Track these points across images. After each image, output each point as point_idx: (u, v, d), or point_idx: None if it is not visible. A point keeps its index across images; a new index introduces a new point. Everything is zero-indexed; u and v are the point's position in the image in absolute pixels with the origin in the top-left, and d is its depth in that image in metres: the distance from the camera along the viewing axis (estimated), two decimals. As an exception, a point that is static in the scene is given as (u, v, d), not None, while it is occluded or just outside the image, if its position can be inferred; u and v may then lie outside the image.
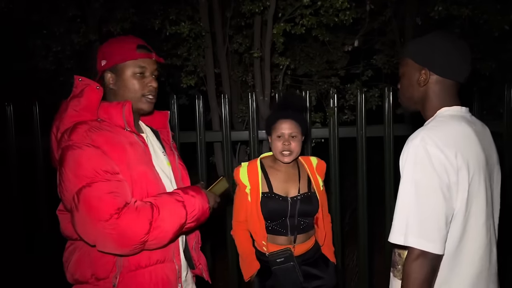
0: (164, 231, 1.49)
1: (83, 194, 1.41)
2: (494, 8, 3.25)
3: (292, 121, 2.25)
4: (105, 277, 1.54)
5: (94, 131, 1.52)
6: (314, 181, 2.34)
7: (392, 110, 3.14)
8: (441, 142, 1.35)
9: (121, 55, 1.63)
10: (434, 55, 1.48)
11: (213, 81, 3.48)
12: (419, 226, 1.31)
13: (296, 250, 2.26)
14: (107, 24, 3.44)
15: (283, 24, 2.96)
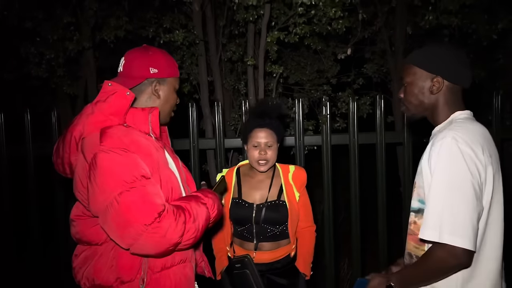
0: (194, 233, 1.53)
1: (125, 198, 1.43)
2: (482, 18, 3.33)
3: (268, 130, 2.25)
4: (130, 280, 1.56)
5: (125, 136, 1.54)
6: (286, 190, 2.31)
7: (383, 117, 3.18)
8: (470, 141, 1.40)
9: (172, 69, 1.74)
10: (446, 63, 1.53)
11: (206, 89, 3.49)
12: (454, 222, 1.33)
13: (260, 257, 2.24)
14: (101, 32, 3.44)
15: (277, 32, 2.99)
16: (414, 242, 1.53)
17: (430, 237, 1.36)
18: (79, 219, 1.62)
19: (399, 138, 3.30)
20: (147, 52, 1.70)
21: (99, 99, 1.58)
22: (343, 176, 4.07)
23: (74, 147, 1.57)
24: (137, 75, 1.66)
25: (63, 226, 3.39)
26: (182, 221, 1.47)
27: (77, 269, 1.63)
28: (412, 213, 1.56)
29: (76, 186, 1.57)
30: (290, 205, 2.27)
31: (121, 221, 1.42)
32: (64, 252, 3.41)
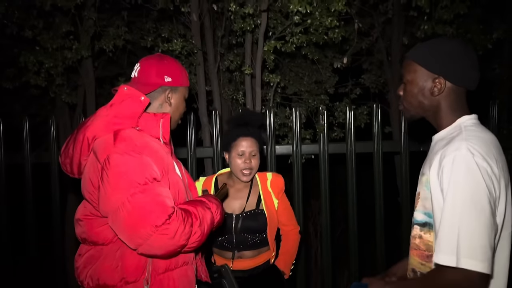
0: (200, 236, 1.57)
1: (137, 200, 1.47)
2: (477, 27, 3.36)
3: (252, 139, 2.26)
4: (135, 280, 1.59)
5: (138, 139, 1.60)
6: (265, 198, 2.32)
7: (380, 126, 3.19)
8: (485, 153, 1.29)
9: (184, 79, 1.81)
10: (450, 62, 1.40)
11: (204, 98, 3.51)
12: (472, 244, 1.21)
13: (240, 264, 2.26)
14: (100, 41, 3.47)
15: (274, 41, 3.02)
16: (420, 259, 1.42)
17: (446, 262, 1.24)
18: (86, 218, 1.66)
19: (396, 148, 3.31)
20: (163, 60, 1.77)
21: (114, 102, 1.64)
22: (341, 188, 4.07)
23: (86, 148, 1.62)
24: (152, 82, 1.72)
25: (59, 233, 3.39)
26: (190, 224, 1.51)
27: (80, 269, 1.65)
28: (416, 226, 1.44)
29: (86, 186, 1.61)
30: (269, 213, 2.30)
31: (132, 222, 1.46)
32: (61, 258, 3.41)
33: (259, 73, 3.31)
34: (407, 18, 3.86)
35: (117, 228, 1.50)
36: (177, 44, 3.14)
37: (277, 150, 3.25)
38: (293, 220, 2.45)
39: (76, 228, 1.70)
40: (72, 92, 3.86)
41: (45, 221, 3.51)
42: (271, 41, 3.05)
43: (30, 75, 3.48)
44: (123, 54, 4.00)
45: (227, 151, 2.31)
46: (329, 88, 3.88)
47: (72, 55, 3.39)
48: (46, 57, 3.38)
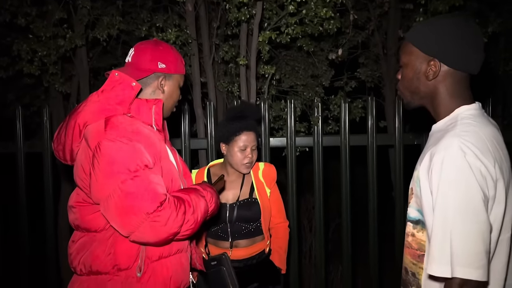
0: (193, 224, 1.56)
1: (128, 187, 1.46)
2: (473, 21, 3.35)
3: (253, 133, 2.30)
4: (128, 267, 1.58)
5: (130, 125, 1.58)
6: (257, 187, 2.35)
7: (375, 119, 3.19)
8: (479, 151, 1.19)
9: (180, 66, 1.78)
10: (445, 43, 1.28)
11: (199, 89, 3.50)
12: (465, 252, 1.14)
13: (237, 254, 2.29)
14: (94, 30, 3.44)
15: (269, 32, 3.01)
16: (411, 257, 1.36)
17: (441, 273, 1.17)
18: (79, 205, 1.64)
19: (390, 141, 3.30)
20: (158, 46, 1.74)
21: (105, 88, 1.62)
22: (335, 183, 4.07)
23: (78, 134, 1.60)
24: (145, 68, 1.69)
25: (52, 222, 3.38)
26: (182, 211, 1.51)
27: (73, 255, 1.64)
28: (409, 224, 1.36)
29: (78, 172, 1.59)
30: (262, 202, 2.32)
31: (123, 209, 1.45)
32: (53, 247, 3.40)
33: (254, 64, 3.30)
34: (403, 12, 3.85)
35: (109, 215, 1.50)
36: (172, 34, 3.12)
37: (271, 142, 3.25)
38: (282, 213, 2.48)
39: (69, 215, 1.69)
40: (66, 82, 3.83)
41: (38, 210, 3.50)
42: (266, 32, 3.03)
43: (23, 64, 3.45)
44: (117, 44, 3.98)
45: (226, 143, 2.30)
46: (325, 81, 3.87)
47: (65, 43, 3.36)
48: (39, 45, 3.35)
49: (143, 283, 1.59)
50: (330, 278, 4.32)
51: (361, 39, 3.99)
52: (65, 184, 4.14)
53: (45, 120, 3.32)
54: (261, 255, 2.36)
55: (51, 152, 3.23)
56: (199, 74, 3.53)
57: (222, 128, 2.32)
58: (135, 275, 1.58)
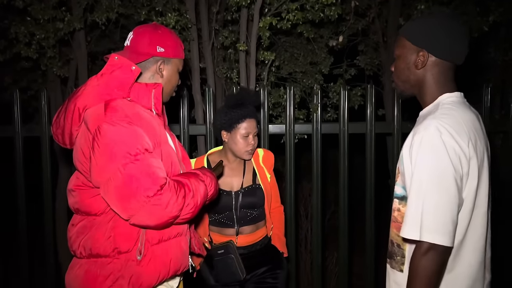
0: (192, 208, 1.57)
1: (128, 170, 1.46)
2: (474, 9, 3.35)
3: (255, 120, 2.32)
4: (128, 250, 1.60)
5: (129, 109, 1.58)
6: (259, 173, 2.39)
7: (374, 107, 3.19)
8: (454, 132, 1.33)
9: (179, 51, 1.77)
10: (433, 36, 1.44)
11: (198, 75, 3.48)
12: (434, 219, 1.29)
13: (242, 240, 2.32)
14: (93, 14, 3.41)
15: (270, 18, 2.99)
16: (397, 230, 1.49)
17: (410, 235, 1.33)
18: (79, 189, 1.65)
19: (389, 129, 3.30)
20: (157, 30, 1.73)
21: (104, 71, 1.61)
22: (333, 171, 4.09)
23: (77, 118, 1.60)
24: (144, 52, 1.69)
25: (50, 206, 3.38)
26: (182, 195, 1.52)
27: (73, 239, 1.65)
28: (395, 200, 1.51)
29: (77, 156, 1.60)
30: (265, 187, 2.37)
31: (123, 192, 1.45)
32: (51, 230, 3.40)
33: (254, 50, 3.28)
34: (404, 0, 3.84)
35: (109, 198, 1.50)
36: (171, 18, 3.09)
37: (270, 129, 3.24)
38: (278, 198, 2.54)
39: (69, 199, 1.70)
40: (64, 66, 3.80)
41: (36, 194, 3.49)
42: (266, 18, 3.01)
43: (21, 47, 3.42)
44: (116, 28, 3.94)
45: (227, 131, 2.31)
46: (324, 68, 3.87)
47: (64, 26, 3.32)
48: (37, 28, 3.31)
49: (143, 266, 1.60)
50: (325, 264, 4.37)
51: (361, 26, 3.97)
52: (63, 168, 4.13)
53: (43, 104, 3.29)
54: (264, 241, 2.41)
55: (49, 136, 3.24)
56: (198, 59, 3.51)
57: (223, 116, 2.31)
58: (135, 258, 1.59)
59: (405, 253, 1.47)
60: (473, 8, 3.35)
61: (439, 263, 1.30)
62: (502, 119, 3.51)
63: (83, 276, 1.61)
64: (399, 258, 1.49)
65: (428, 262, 1.29)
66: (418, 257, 1.31)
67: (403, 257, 1.47)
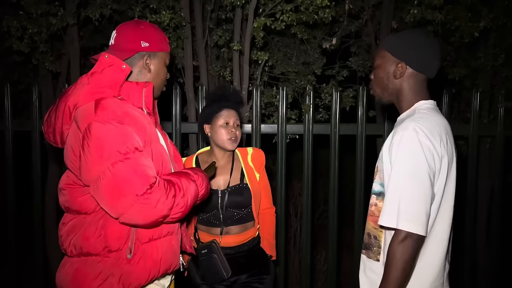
0: (182, 207, 1.58)
1: (118, 169, 1.46)
2: (466, 15, 3.39)
3: (235, 111, 2.35)
4: (118, 249, 1.60)
5: (120, 108, 1.57)
6: (247, 172, 2.38)
7: (365, 109, 3.22)
8: (429, 133, 1.48)
9: (163, 44, 1.77)
10: (411, 50, 1.59)
11: (191, 73, 3.48)
12: (410, 210, 1.42)
13: (229, 240, 2.30)
14: (86, 9, 3.39)
15: (264, 18, 3.00)
16: (373, 223, 1.63)
17: (387, 223, 1.46)
18: (69, 187, 1.65)
19: (379, 131, 3.34)
20: (139, 26, 1.73)
21: (95, 70, 1.61)
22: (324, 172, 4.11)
23: (68, 117, 1.60)
24: (129, 48, 1.69)
25: (39, 201, 3.37)
26: (172, 194, 1.52)
27: (64, 237, 1.65)
28: (373, 196, 1.64)
29: (68, 155, 1.60)
30: (253, 187, 2.35)
31: (113, 191, 1.46)
32: (40, 226, 3.39)
33: (248, 50, 3.29)
34: (397, 3, 3.86)
35: (99, 197, 1.51)
36: (165, 16, 3.09)
37: (262, 129, 3.26)
38: (270, 199, 2.51)
39: (60, 197, 1.70)
40: (56, 61, 3.78)
41: (25, 189, 3.47)
42: (261, 18, 3.02)
43: (13, 40, 3.39)
44: (109, 24, 3.92)
45: (208, 123, 2.34)
46: (317, 69, 3.89)
47: (57, 21, 3.30)
48: (30, 22, 3.29)
49: (133, 264, 1.61)
50: (314, 263, 4.41)
51: (354, 28, 4.00)
52: (52, 164, 4.11)
53: (34, 99, 3.28)
54: (253, 242, 2.39)
55: (40, 131, 3.22)
56: (192, 57, 3.51)
57: (203, 111, 2.38)
58: (125, 257, 1.60)
59: (381, 244, 1.60)
60: (465, 13, 3.39)
61: (414, 250, 1.43)
62: (491, 124, 3.57)
63: (73, 275, 1.62)
64: (376, 249, 1.63)
65: (405, 249, 1.41)
66: (395, 244, 1.43)
67: (379, 248, 1.61)
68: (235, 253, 2.31)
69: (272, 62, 3.97)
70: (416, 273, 1.54)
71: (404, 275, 1.43)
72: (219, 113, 2.31)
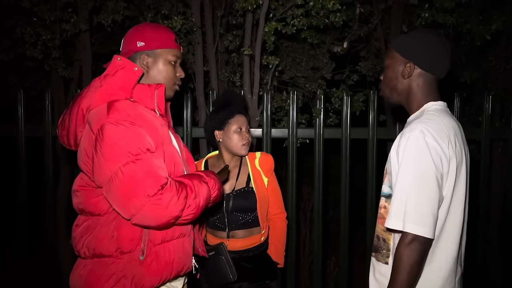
0: (194, 209, 1.57)
1: (129, 169, 1.47)
2: (477, 18, 3.38)
3: (244, 116, 2.35)
4: (130, 250, 1.60)
5: (132, 109, 1.59)
6: (254, 176, 2.35)
7: (376, 113, 3.21)
8: (436, 134, 1.46)
9: (162, 41, 1.74)
10: (420, 50, 1.59)
11: (201, 78, 3.50)
12: (416, 212, 1.40)
13: (234, 245, 2.28)
14: (98, 15, 3.43)
15: (275, 23, 3.01)
16: (382, 226, 1.60)
17: (394, 226, 1.44)
18: (83, 189, 1.66)
19: (390, 135, 3.33)
20: (137, 28, 1.77)
21: (107, 73, 1.63)
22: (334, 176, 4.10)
23: (81, 119, 1.62)
24: (127, 50, 1.72)
25: (51, 206, 3.39)
26: (184, 196, 1.52)
27: (78, 239, 1.66)
28: (382, 198, 1.63)
29: (81, 157, 1.62)
30: (259, 191, 2.32)
31: (124, 192, 1.47)
32: (53, 231, 3.41)
33: (259, 54, 3.30)
34: (406, 7, 3.86)
35: (111, 198, 1.51)
36: (177, 21, 3.12)
37: (272, 133, 3.26)
38: (279, 203, 2.46)
39: (73, 199, 1.71)
40: (68, 67, 3.82)
41: (38, 194, 3.50)
42: (272, 23, 3.04)
43: (27, 47, 3.43)
44: (121, 31, 3.95)
45: (220, 129, 2.33)
46: (326, 74, 3.89)
47: (70, 28, 3.34)
48: (43, 29, 3.33)
49: (145, 266, 1.61)
50: (324, 268, 4.38)
51: (364, 33, 4.00)
52: (64, 169, 4.14)
53: (47, 104, 3.31)
54: (259, 248, 2.35)
55: (52, 136, 3.25)
56: (203, 62, 3.53)
57: (214, 117, 2.35)
58: (137, 258, 1.60)
59: (390, 247, 1.59)
60: (476, 16, 3.38)
61: (421, 253, 1.41)
62: (503, 127, 3.54)
63: (86, 276, 1.62)
64: (385, 252, 1.61)
65: (411, 252, 1.40)
66: (402, 247, 1.42)
67: (388, 250, 1.59)
68: (239, 258, 2.28)
69: (282, 67, 3.99)
70: (425, 277, 1.52)
71: (411, 279, 1.41)
72: (232, 119, 2.30)
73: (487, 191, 3.35)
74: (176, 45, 1.79)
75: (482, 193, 3.31)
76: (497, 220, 4.09)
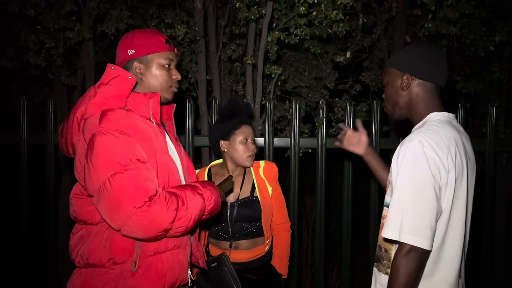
0: (186, 221, 1.55)
1: (117, 180, 1.45)
2: (481, 29, 3.37)
3: (250, 127, 2.33)
4: (123, 261, 1.58)
5: (124, 119, 1.58)
6: (258, 185, 2.32)
7: (379, 124, 3.20)
8: (435, 145, 1.45)
9: (152, 46, 1.71)
10: (414, 61, 1.61)
11: (204, 87, 3.50)
12: (413, 223, 1.39)
13: (237, 256, 2.24)
14: (102, 24, 3.44)
15: (278, 32, 3.01)
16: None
17: (391, 236, 1.43)
18: (76, 197, 1.66)
19: (393, 145, 3.30)
20: (127, 35, 1.76)
21: (102, 82, 1.63)
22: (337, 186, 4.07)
23: (76, 128, 1.62)
24: (120, 60, 1.72)
25: (52, 214, 3.38)
26: (174, 208, 1.49)
27: (72, 247, 1.65)
28: (385, 208, 1.61)
29: (76, 165, 1.61)
30: (263, 200, 2.29)
31: (112, 202, 1.45)
32: (53, 239, 3.39)
33: (262, 64, 3.30)
34: (409, 17, 3.87)
35: (100, 208, 1.50)
36: (180, 30, 3.12)
37: (275, 143, 3.25)
38: (283, 213, 2.43)
39: (70, 207, 1.71)
40: (71, 74, 3.83)
41: (39, 201, 3.49)
42: (275, 32, 3.04)
43: (30, 55, 3.45)
44: (124, 39, 3.98)
45: (225, 139, 2.30)
46: (329, 84, 3.89)
47: (73, 36, 3.36)
48: (47, 37, 3.35)
49: (137, 277, 1.59)
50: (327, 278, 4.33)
51: (367, 43, 4.00)
52: (66, 177, 4.14)
53: (49, 112, 3.32)
54: (263, 259, 2.31)
55: (55, 144, 3.25)
56: (205, 71, 3.54)
57: (219, 127, 2.31)
58: (129, 270, 1.58)
59: (391, 257, 1.56)
60: (480, 27, 3.37)
61: (418, 264, 1.39)
62: (507, 138, 3.52)
63: (79, 286, 1.61)
64: (386, 262, 1.58)
65: (408, 263, 1.38)
66: (399, 257, 1.40)
67: (389, 261, 1.56)
68: (243, 270, 2.23)
69: (285, 76, 3.99)
70: None
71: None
72: (238, 130, 2.27)
73: (492, 202, 3.32)
74: (167, 47, 1.75)
75: (486, 204, 3.28)
76: (502, 232, 4.05)
